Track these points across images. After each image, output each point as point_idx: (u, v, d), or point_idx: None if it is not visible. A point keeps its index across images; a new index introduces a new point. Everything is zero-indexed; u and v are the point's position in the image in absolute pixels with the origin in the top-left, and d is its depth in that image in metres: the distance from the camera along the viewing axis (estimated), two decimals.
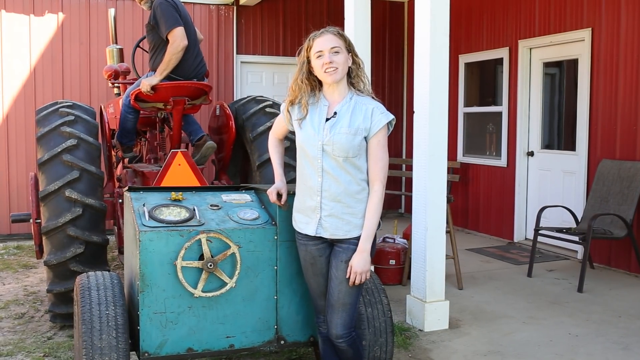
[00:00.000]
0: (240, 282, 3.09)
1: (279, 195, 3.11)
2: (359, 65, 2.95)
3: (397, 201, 9.96)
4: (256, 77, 9.07)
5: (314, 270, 3.00)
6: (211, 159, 5.94)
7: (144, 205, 3.15)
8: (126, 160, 5.79)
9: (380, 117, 2.86)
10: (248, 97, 5.60)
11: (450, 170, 8.49)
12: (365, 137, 2.86)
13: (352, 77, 2.95)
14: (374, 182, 2.87)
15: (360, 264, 2.83)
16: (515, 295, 5.43)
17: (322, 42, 2.86)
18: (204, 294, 3.01)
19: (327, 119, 2.90)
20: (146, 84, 4.78)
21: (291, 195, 3.14)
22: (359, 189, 2.87)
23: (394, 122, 2.92)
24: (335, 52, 2.85)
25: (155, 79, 4.79)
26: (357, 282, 2.84)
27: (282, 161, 3.24)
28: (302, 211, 2.99)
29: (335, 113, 2.90)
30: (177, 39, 4.70)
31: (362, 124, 2.86)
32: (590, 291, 5.52)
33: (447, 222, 5.39)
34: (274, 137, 3.25)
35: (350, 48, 2.92)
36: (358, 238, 2.87)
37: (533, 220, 6.95)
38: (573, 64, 6.97)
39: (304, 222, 2.98)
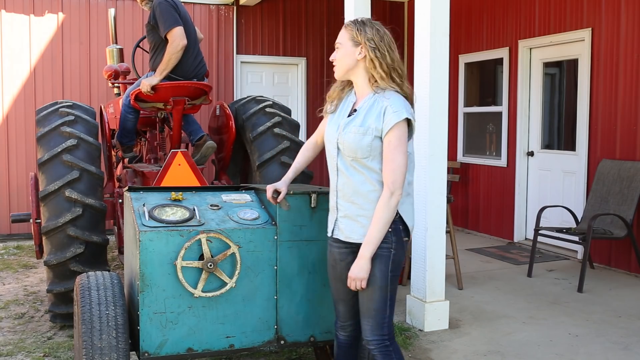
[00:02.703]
0: (240, 282, 3.09)
1: (277, 194, 3.08)
2: (372, 59, 2.73)
3: None
4: (256, 77, 9.07)
5: (333, 274, 2.92)
6: (211, 159, 5.94)
7: (144, 205, 3.15)
8: (126, 160, 5.79)
9: (392, 116, 2.65)
10: (248, 97, 5.60)
11: (450, 170, 8.50)
12: (380, 138, 2.68)
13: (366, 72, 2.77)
14: (384, 185, 2.68)
15: (354, 270, 2.70)
16: (515, 295, 5.43)
17: (338, 37, 2.81)
18: (204, 294, 3.01)
19: (349, 116, 2.81)
20: (146, 84, 4.79)
21: (290, 195, 3.14)
22: (372, 189, 2.72)
23: (414, 122, 2.72)
24: (337, 47, 2.79)
25: (155, 79, 4.79)
26: (352, 288, 2.73)
27: (300, 165, 3.17)
28: (329, 210, 2.94)
29: (355, 110, 2.80)
30: (177, 38, 4.71)
31: (374, 123, 2.69)
32: (590, 291, 5.52)
33: (447, 222, 5.39)
34: (309, 139, 3.18)
35: (359, 40, 2.72)
36: (381, 248, 2.71)
37: (533, 220, 6.95)
38: (573, 64, 6.97)
39: (329, 221, 2.92)
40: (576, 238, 5.95)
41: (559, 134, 7.47)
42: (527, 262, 6.35)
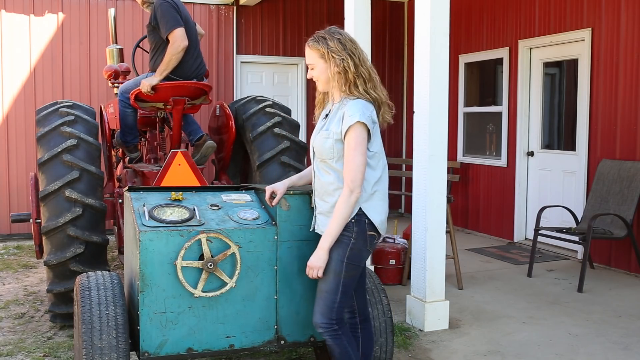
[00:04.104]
0: (240, 282, 3.09)
1: (273, 196, 3.17)
2: (340, 71, 2.88)
3: (397, 201, 9.96)
4: (256, 77, 9.07)
5: None
6: (211, 159, 5.94)
7: (144, 205, 3.15)
8: (126, 160, 5.79)
9: (347, 120, 2.82)
10: (248, 97, 5.60)
11: (450, 170, 8.50)
12: (341, 141, 2.85)
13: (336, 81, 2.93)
14: (344, 183, 2.84)
15: (312, 259, 2.90)
16: (515, 295, 5.43)
17: (306, 57, 2.99)
18: (204, 294, 3.01)
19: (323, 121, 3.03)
20: (146, 84, 4.79)
21: (290, 195, 3.14)
22: (336, 187, 2.88)
23: (371, 124, 2.83)
24: (311, 68, 2.97)
25: (155, 79, 4.79)
26: (310, 276, 2.91)
27: (306, 175, 3.24)
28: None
29: (327, 115, 2.99)
30: (178, 39, 4.71)
31: (335, 127, 2.88)
32: (590, 291, 5.53)
33: (447, 222, 5.39)
34: None
35: (328, 55, 2.87)
36: (342, 235, 2.87)
37: (533, 220, 6.95)
38: (573, 64, 6.97)
39: (313, 217, 3.11)
40: (576, 238, 5.95)
41: (559, 134, 7.48)
42: (527, 262, 6.35)
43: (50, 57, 7.94)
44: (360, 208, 2.88)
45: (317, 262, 2.88)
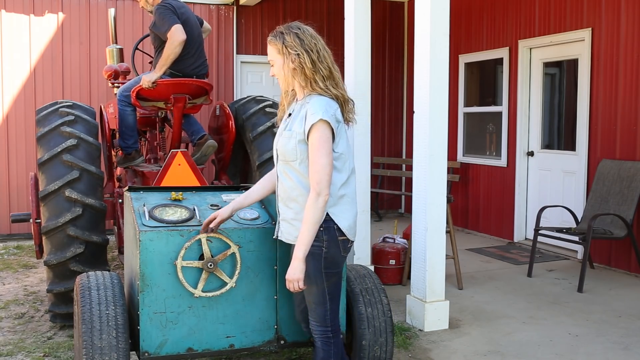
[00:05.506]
0: (240, 282, 3.09)
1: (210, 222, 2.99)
2: (295, 67, 2.75)
3: (397, 201, 9.96)
4: (256, 77, 9.07)
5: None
6: (211, 159, 5.94)
7: (144, 205, 3.15)
8: None
9: (309, 118, 2.69)
10: (248, 97, 5.61)
11: (450, 170, 8.50)
12: (304, 141, 2.72)
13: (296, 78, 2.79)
14: (310, 187, 2.70)
15: (290, 272, 2.76)
16: (515, 295, 5.43)
17: (268, 54, 2.86)
18: (204, 294, 3.01)
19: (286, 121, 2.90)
20: (146, 79, 4.81)
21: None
22: (299, 193, 2.77)
23: (335, 123, 2.70)
24: (272, 65, 2.84)
25: (155, 74, 4.81)
26: (291, 290, 2.79)
27: (257, 196, 3.08)
28: None
29: (290, 115, 2.87)
30: (174, 34, 4.75)
31: (297, 127, 2.75)
32: (590, 291, 5.53)
33: (447, 222, 5.39)
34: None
35: (283, 50, 2.74)
36: (313, 246, 2.75)
37: (533, 220, 6.95)
38: (573, 64, 6.97)
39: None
40: (576, 238, 5.95)
41: (559, 134, 7.47)
42: (527, 262, 6.35)
43: (50, 57, 7.94)
44: (327, 213, 2.74)
45: (294, 274, 2.74)
